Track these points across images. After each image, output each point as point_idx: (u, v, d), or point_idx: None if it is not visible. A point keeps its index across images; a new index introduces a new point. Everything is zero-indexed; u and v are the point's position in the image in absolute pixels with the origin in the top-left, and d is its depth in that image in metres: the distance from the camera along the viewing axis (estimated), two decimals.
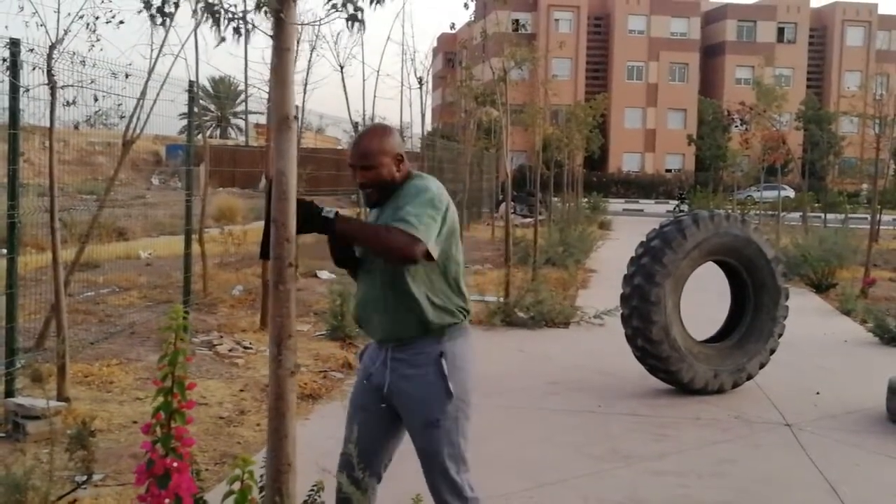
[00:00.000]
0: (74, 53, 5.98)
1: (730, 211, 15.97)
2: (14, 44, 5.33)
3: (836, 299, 11.24)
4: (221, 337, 7.70)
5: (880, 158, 15.49)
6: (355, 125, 12.18)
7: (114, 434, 5.02)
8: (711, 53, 61.86)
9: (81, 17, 5.95)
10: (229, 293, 9.97)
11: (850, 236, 15.17)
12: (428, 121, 20.42)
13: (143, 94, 6.85)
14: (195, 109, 8.94)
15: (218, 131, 58.22)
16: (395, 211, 2.82)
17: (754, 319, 6.71)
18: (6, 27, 5.88)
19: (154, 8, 2.41)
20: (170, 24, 6.81)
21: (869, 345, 8.57)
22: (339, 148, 27.69)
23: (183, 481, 2.09)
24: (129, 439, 4.90)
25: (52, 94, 5.45)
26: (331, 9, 2.36)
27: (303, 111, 10.71)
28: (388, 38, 16.80)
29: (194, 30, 8.09)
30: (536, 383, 6.71)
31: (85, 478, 4.09)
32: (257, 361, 6.96)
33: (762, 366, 6.65)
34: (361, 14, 2.35)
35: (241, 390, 6.14)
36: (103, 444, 4.66)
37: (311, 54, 9.67)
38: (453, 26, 13.22)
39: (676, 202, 37.18)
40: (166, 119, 8.01)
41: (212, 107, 56.37)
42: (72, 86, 5.89)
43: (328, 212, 2.74)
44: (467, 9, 10.05)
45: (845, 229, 16.61)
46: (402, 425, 3.02)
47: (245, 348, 7.38)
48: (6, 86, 5.33)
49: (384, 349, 2.96)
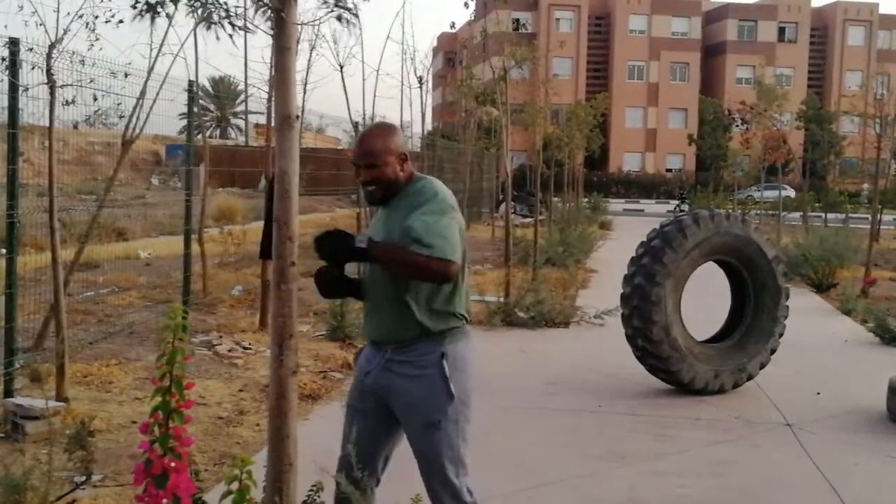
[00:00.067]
0: (74, 53, 5.98)
1: (730, 211, 15.94)
2: (13, 43, 5.32)
3: (836, 299, 11.23)
4: (221, 337, 7.69)
5: (881, 158, 15.47)
6: (355, 125, 12.16)
7: (113, 434, 5.01)
8: (712, 53, 61.86)
9: (81, 17, 5.95)
10: (229, 293, 9.97)
11: (851, 236, 15.16)
12: (428, 120, 20.40)
13: (142, 93, 6.84)
14: (195, 109, 8.92)
15: (218, 131, 58.21)
16: (409, 216, 2.79)
17: (755, 319, 6.70)
18: (6, 26, 5.90)
19: (144, 3, 2.40)
20: (169, 23, 6.81)
21: (869, 345, 8.56)
22: (339, 148, 27.71)
23: (181, 481, 2.08)
24: (128, 439, 4.89)
25: (52, 94, 5.44)
26: (322, 5, 2.35)
27: (303, 111, 10.70)
28: (387, 37, 16.78)
29: (194, 29, 8.06)
30: (536, 383, 6.71)
31: (84, 478, 4.09)
32: (257, 362, 6.96)
33: (763, 366, 6.64)
34: (354, 11, 2.34)
35: (240, 390, 6.13)
36: (102, 445, 4.65)
37: (310, 54, 9.66)
38: (453, 25, 13.20)
39: (677, 202, 37.19)
40: (166, 119, 8.00)
41: (211, 107, 56.37)
42: (71, 85, 5.88)
43: (360, 241, 2.74)
44: (467, 8, 10.06)
45: (846, 229, 16.61)
46: (399, 427, 3.00)
47: (244, 348, 7.37)
48: (5, 85, 5.32)
49: (382, 351, 2.94)
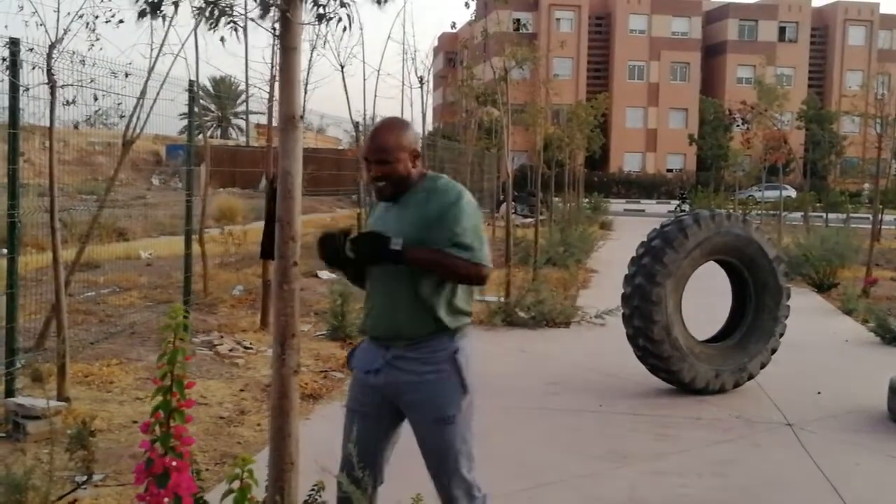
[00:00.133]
0: (74, 53, 5.98)
1: (731, 210, 15.95)
2: (14, 43, 5.32)
3: (837, 299, 11.22)
4: (222, 337, 7.70)
5: (882, 158, 15.48)
6: (356, 125, 12.17)
7: (114, 434, 5.02)
8: (713, 53, 61.83)
9: (81, 17, 5.95)
10: (230, 293, 9.97)
11: (852, 236, 15.16)
12: (429, 120, 20.42)
13: (143, 93, 6.84)
14: (195, 109, 8.93)
15: (218, 131, 58.22)
16: (437, 217, 2.79)
17: (756, 319, 6.69)
18: (6, 26, 5.89)
19: (145, 7, 2.39)
20: (169, 23, 6.80)
21: (870, 344, 8.56)
22: (339, 148, 27.71)
23: (182, 480, 2.09)
24: (129, 439, 4.89)
25: (52, 94, 5.44)
26: (314, 7, 2.35)
27: (304, 111, 10.69)
28: (388, 37, 16.79)
29: (194, 29, 8.08)
30: (537, 383, 6.71)
31: (85, 478, 4.09)
32: (258, 361, 6.96)
33: (763, 365, 6.64)
34: (349, 11, 2.34)
35: (241, 390, 6.13)
36: (103, 444, 4.65)
37: (311, 54, 9.64)
38: (454, 25, 13.18)
39: (677, 202, 37.18)
40: (166, 119, 8.01)
41: (212, 107, 56.38)
42: (72, 85, 5.88)
43: (395, 243, 2.73)
44: (468, 8, 10.04)
45: (847, 229, 16.62)
46: (400, 426, 3.01)
47: (245, 348, 7.37)
48: (6, 85, 5.32)
49: (387, 348, 2.91)
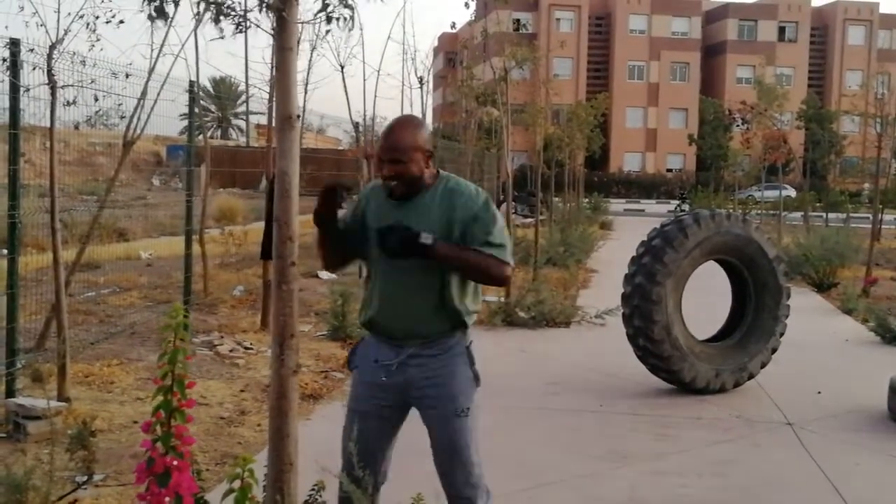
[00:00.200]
0: (74, 53, 5.99)
1: (731, 210, 15.95)
2: (14, 44, 5.32)
3: (837, 298, 11.22)
4: (222, 337, 7.70)
5: (882, 158, 15.48)
6: (356, 125, 12.18)
7: (114, 434, 5.02)
8: (712, 53, 61.84)
9: (81, 17, 5.94)
10: (230, 294, 9.97)
11: (852, 235, 15.17)
12: (429, 121, 20.41)
13: (143, 94, 6.84)
14: (196, 110, 8.93)
15: (219, 132, 58.22)
16: (463, 217, 2.82)
17: (756, 319, 6.70)
18: (6, 27, 5.89)
19: (153, 6, 2.40)
20: (170, 24, 6.81)
21: (870, 344, 8.56)
22: (339, 148, 27.72)
23: (183, 480, 2.09)
24: (129, 439, 4.89)
25: (53, 94, 5.44)
26: (319, 12, 2.35)
27: (304, 111, 10.71)
28: (388, 37, 16.78)
29: (194, 30, 8.07)
30: (537, 383, 6.71)
31: (85, 478, 4.09)
32: (258, 362, 6.96)
33: (763, 365, 6.64)
34: (352, 12, 2.34)
35: (241, 391, 6.13)
36: (104, 445, 4.66)
37: (311, 54, 9.65)
38: (454, 26, 13.13)
39: (677, 202, 37.19)
40: (167, 119, 8.01)
41: (212, 107, 56.39)
42: (72, 86, 5.89)
43: (426, 238, 2.73)
44: (468, 8, 10.03)
45: (847, 228, 16.62)
46: (401, 425, 3.01)
47: (246, 349, 7.37)
48: (6, 86, 5.32)
49: (403, 348, 2.90)
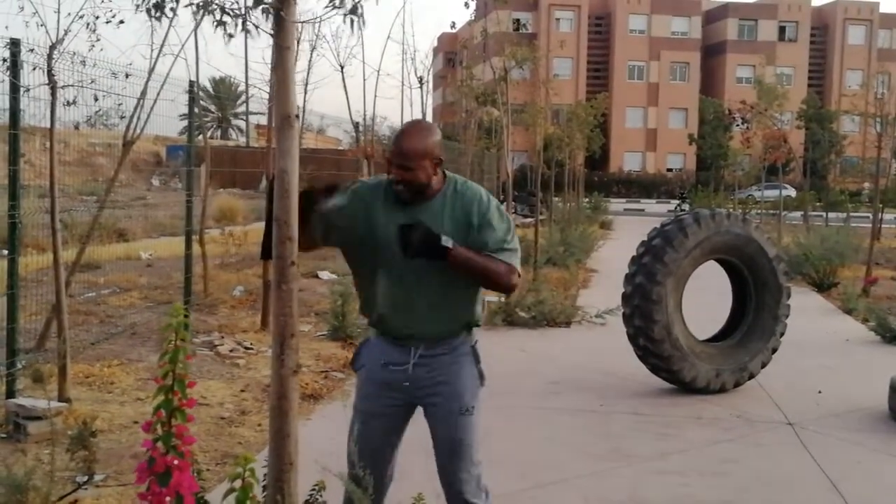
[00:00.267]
0: (74, 53, 5.98)
1: (731, 210, 15.95)
2: (14, 44, 5.32)
3: (837, 298, 11.23)
4: (222, 337, 7.70)
5: (882, 157, 15.48)
6: (356, 125, 12.17)
7: (115, 434, 5.02)
8: (712, 52, 61.84)
9: (81, 17, 5.95)
10: (230, 294, 9.97)
11: (852, 235, 15.18)
12: (429, 121, 20.38)
13: (143, 94, 6.84)
14: (196, 110, 8.93)
15: (219, 132, 58.24)
16: (476, 222, 2.82)
17: (756, 318, 6.69)
18: (6, 27, 5.88)
19: (150, 3, 2.39)
20: (170, 24, 6.81)
21: (870, 344, 8.56)
22: (339, 148, 27.71)
23: (184, 479, 2.09)
24: (130, 440, 4.89)
25: (53, 94, 5.44)
26: (328, 5, 2.34)
27: (304, 111, 10.70)
28: (388, 37, 16.77)
29: (194, 30, 8.08)
30: (538, 383, 6.71)
31: (86, 478, 4.09)
32: (258, 362, 6.96)
33: (764, 365, 6.64)
34: (361, 9, 2.34)
35: (241, 391, 6.13)
36: (104, 445, 4.65)
37: (311, 54, 9.64)
38: (454, 26, 13.14)
39: (678, 201, 37.20)
40: (167, 119, 8.02)
41: (212, 107, 56.39)
42: (72, 86, 5.88)
43: (446, 240, 2.72)
44: (468, 8, 10.03)
45: (847, 228, 16.61)
46: (407, 423, 3.02)
47: (246, 349, 7.37)
48: (6, 86, 5.32)
49: (413, 348, 2.90)
